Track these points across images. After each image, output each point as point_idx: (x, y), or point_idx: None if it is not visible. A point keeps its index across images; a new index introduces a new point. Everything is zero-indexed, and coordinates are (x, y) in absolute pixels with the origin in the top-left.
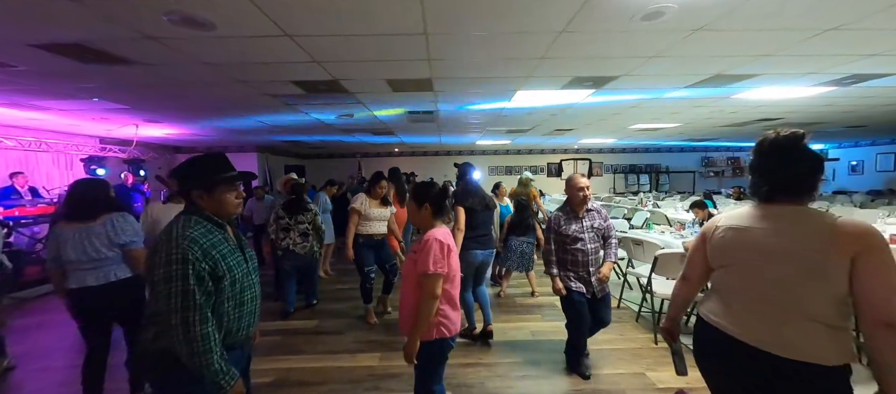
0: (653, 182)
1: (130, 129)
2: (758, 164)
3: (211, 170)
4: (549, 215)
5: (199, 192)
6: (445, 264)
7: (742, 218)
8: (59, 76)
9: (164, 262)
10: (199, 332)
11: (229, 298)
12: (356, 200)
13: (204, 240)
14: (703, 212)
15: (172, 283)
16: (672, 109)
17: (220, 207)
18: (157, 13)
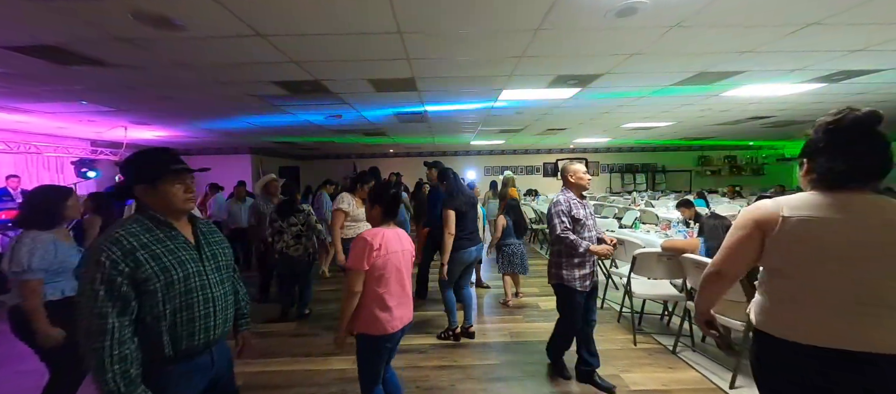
0: (649, 181)
1: (120, 131)
2: (833, 142)
3: (154, 162)
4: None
5: (143, 185)
6: (365, 263)
7: (813, 207)
8: (39, 79)
9: (84, 263)
10: (97, 344)
11: (168, 301)
12: (342, 200)
13: (132, 239)
14: (690, 211)
15: (83, 284)
16: (661, 107)
17: (167, 202)
18: (124, 12)
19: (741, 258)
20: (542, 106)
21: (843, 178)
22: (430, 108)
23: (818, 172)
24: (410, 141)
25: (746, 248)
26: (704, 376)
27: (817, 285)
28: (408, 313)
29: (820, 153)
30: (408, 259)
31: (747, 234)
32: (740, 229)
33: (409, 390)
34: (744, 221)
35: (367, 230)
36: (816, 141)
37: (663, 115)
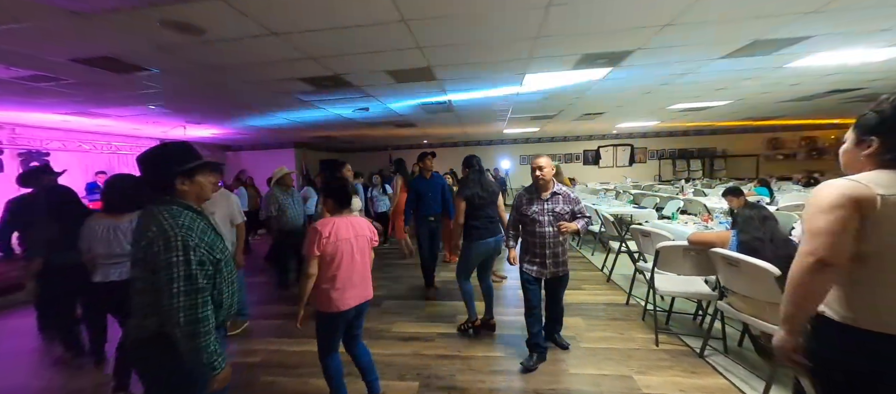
0: (706, 168)
1: (180, 130)
2: None
3: (188, 156)
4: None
5: (182, 178)
6: (315, 249)
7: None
8: (105, 86)
9: (164, 249)
10: (201, 315)
11: (226, 279)
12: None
13: (195, 227)
14: (739, 200)
15: (174, 268)
16: (714, 84)
17: (201, 193)
18: (154, 22)
19: (845, 242)
20: (573, 90)
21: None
22: (454, 97)
23: (892, 151)
24: (442, 131)
25: (849, 230)
26: (733, 384)
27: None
28: (363, 292)
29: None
30: (362, 244)
31: (848, 214)
32: (837, 209)
33: (410, 377)
34: (837, 200)
35: (320, 220)
36: (890, 118)
37: (718, 93)
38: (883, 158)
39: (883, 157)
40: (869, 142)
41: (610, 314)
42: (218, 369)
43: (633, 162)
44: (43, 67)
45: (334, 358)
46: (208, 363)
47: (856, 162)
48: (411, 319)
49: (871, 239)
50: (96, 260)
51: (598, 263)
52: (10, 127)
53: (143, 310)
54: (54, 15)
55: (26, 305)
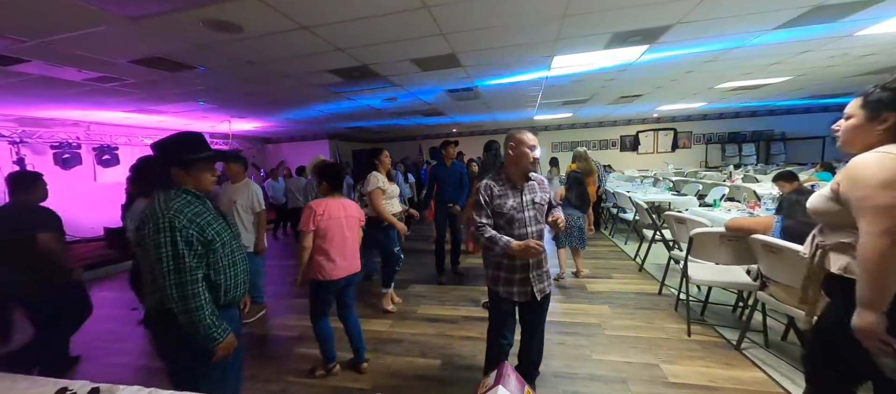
0: (761, 152)
1: (226, 124)
2: None
3: (187, 148)
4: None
5: (177, 168)
6: (310, 224)
7: None
8: (160, 85)
9: (154, 231)
10: (191, 291)
11: (222, 258)
12: (376, 179)
13: (188, 209)
14: (791, 185)
15: (163, 248)
16: (768, 59)
17: (198, 183)
18: (197, 22)
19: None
20: (606, 71)
21: None
22: (480, 83)
23: None
24: (471, 119)
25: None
26: (771, 377)
27: None
28: (351, 265)
29: None
30: (351, 223)
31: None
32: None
33: (433, 355)
34: (892, 171)
35: (315, 201)
36: None
37: (772, 68)
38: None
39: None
40: (885, 117)
41: (639, 303)
42: (219, 339)
43: (675, 147)
44: (108, 69)
45: (325, 323)
46: (206, 335)
47: (870, 137)
48: (437, 302)
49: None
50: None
51: (630, 252)
52: (85, 125)
53: (147, 287)
54: (114, 21)
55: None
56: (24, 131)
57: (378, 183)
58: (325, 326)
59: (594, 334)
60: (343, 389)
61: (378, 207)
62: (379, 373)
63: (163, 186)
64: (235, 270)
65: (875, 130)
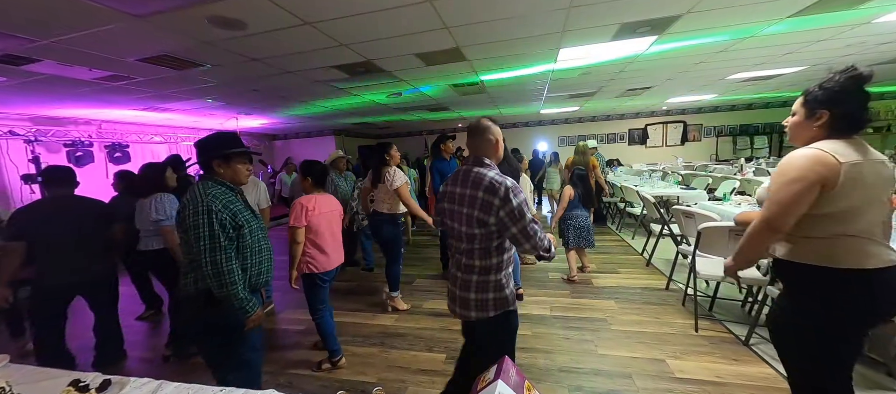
0: (773, 145)
1: (233, 121)
2: (857, 94)
3: (228, 144)
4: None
5: (219, 161)
6: (303, 220)
7: (852, 152)
8: (168, 82)
9: (193, 213)
10: (226, 267)
11: (250, 245)
12: (400, 174)
13: (222, 196)
14: None
15: (201, 229)
16: (780, 49)
17: (235, 176)
18: (202, 19)
19: (795, 214)
20: (614, 63)
21: (858, 125)
22: (486, 77)
23: (842, 120)
24: (476, 114)
25: (804, 203)
26: (780, 373)
27: (870, 219)
28: (338, 257)
29: (845, 103)
30: (336, 218)
31: (809, 187)
32: (801, 181)
33: (437, 349)
34: (803, 173)
35: (304, 197)
36: (842, 92)
37: (785, 58)
38: (834, 128)
39: (834, 126)
40: (820, 114)
41: (646, 299)
42: (250, 312)
43: (685, 140)
44: (117, 68)
45: (325, 316)
46: (240, 307)
47: (807, 132)
48: (441, 296)
49: (840, 200)
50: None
51: (637, 247)
52: (96, 123)
53: (185, 269)
54: (122, 19)
55: None
56: (39, 130)
57: (405, 177)
58: (326, 320)
59: (600, 328)
60: (349, 382)
61: (408, 201)
62: (384, 366)
63: (203, 177)
64: (261, 257)
65: (812, 126)
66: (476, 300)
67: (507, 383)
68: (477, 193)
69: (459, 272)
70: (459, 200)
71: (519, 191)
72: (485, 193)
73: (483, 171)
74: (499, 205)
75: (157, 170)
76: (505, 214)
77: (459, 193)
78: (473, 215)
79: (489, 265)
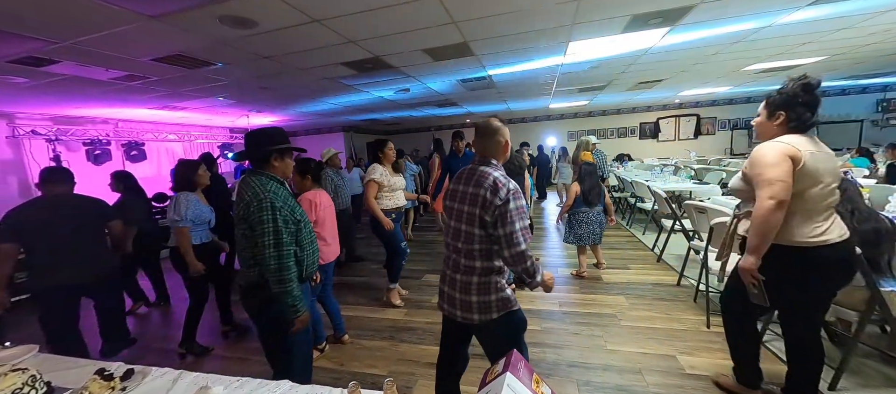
0: None
1: (245, 119)
2: (809, 97)
3: (282, 139)
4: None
5: (277, 155)
6: (313, 214)
7: (807, 145)
8: (181, 82)
9: (257, 209)
10: (286, 263)
11: (305, 235)
12: (373, 171)
13: (280, 192)
14: None
15: (266, 225)
16: (798, 38)
17: (285, 170)
18: (213, 19)
19: (790, 186)
20: (625, 57)
21: (809, 125)
22: (494, 71)
23: (796, 121)
24: (484, 109)
25: (790, 177)
26: None
27: (819, 203)
28: (337, 248)
29: (798, 106)
30: (333, 211)
31: (789, 166)
32: (781, 163)
33: None
34: (781, 157)
35: (309, 192)
36: (795, 97)
37: (804, 48)
38: (789, 126)
39: (789, 125)
40: (778, 115)
41: (657, 295)
42: (300, 312)
43: (698, 134)
44: (133, 68)
45: (314, 302)
46: (291, 306)
47: (770, 130)
48: None
49: (798, 184)
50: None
51: (648, 243)
52: (113, 122)
53: (246, 262)
54: (136, 20)
55: None
56: (59, 129)
57: (374, 175)
58: (314, 308)
59: (609, 324)
60: (360, 374)
61: (368, 199)
62: (394, 359)
63: (254, 171)
64: (313, 248)
65: (773, 125)
66: (479, 303)
67: (516, 375)
68: (479, 192)
69: (458, 274)
70: (462, 199)
71: (519, 196)
72: (487, 192)
73: (488, 170)
74: (498, 204)
75: (189, 167)
76: (499, 214)
77: (462, 192)
78: (475, 214)
79: (491, 267)
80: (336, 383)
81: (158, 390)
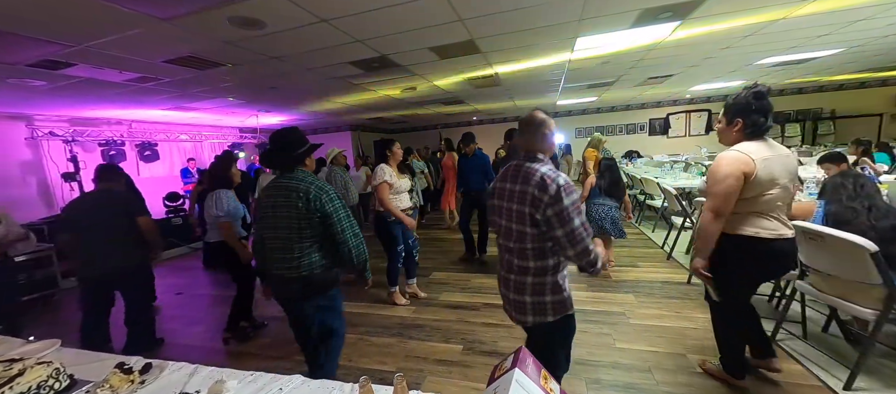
0: (806, 133)
1: (254, 119)
2: (761, 105)
3: (305, 139)
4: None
5: (309, 156)
6: None
7: (762, 151)
8: (192, 82)
9: (328, 199)
10: (361, 236)
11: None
12: (383, 172)
13: (326, 185)
14: (837, 167)
15: (341, 211)
16: (816, 30)
17: (312, 165)
18: (223, 20)
19: (732, 201)
20: (634, 51)
21: (763, 130)
22: (500, 69)
23: (752, 127)
24: (491, 107)
25: (734, 193)
26: (809, 370)
27: (772, 202)
28: None
29: (752, 113)
30: None
31: (733, 182)
32: (727, 180)
33: (455, 340)
34: (726, 174)
35: None
36: (748, 105)
37: (821, 40)
38: (746, 133)
39: (746, 131)
40: (736, 122)
41: (667, 293)
42: (370, 276)
43: (709, 130)
44: (145, 69)
45: None
46: (367, 270)
47: (730, 136)
48: (457, 289)
49: (753, 188)
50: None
51: (658, 241)
52: (127, 123)
53: (306, 250)
54: (148, 23)
55: None
56: (75, 130)
57: (385, 176)
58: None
59: (618, 322)
60: (370, 370)
61: (385, 201)
62: (402, 356)
63: (288, 169)
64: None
65: (732, 132)
66: (532, 304)
67: (525, 372)
68: (527, 189)
69: (512, 274)
70: (509, 197)
71: (572, 190)
72: (535, 189)
73: (535, 166)
74: (548, 202)
75: (226, 164)
76: (553, 213)
77: (509, 189)
78: (525, 212)
79: (545, 266)
80: (346, 379)
81: (175, 383)
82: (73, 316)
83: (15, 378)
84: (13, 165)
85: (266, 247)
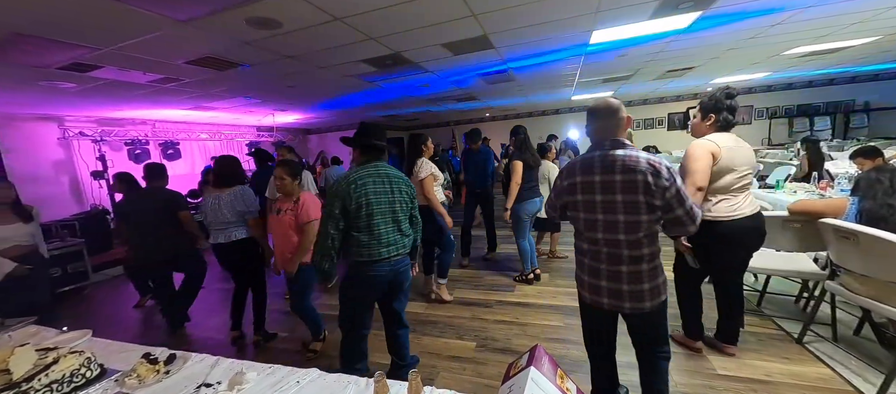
0: (837, 126)
1: (270, 118)
2: (731, 103)
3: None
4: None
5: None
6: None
7: (727, 142)
8: (211, 83)
9: (408, 185)
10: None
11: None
12: (427, 165)
13: None
14: (871, 161)
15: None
16: (847, 18)
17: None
18: (241, 20)
19: (708, 177)
20: (653, 43)
21: (731, 125)
22: (514, 65)
23: (721, 121)
24: (504, 103)
25: (708, 169)
26: (838, 373)
27: (733, 186)
28: None
29: (723, 110)
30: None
31: (708, 161)
32: (702, 159)
33: (468, 337)
34: (701, 154)
35: (307, 194)
36: (720, 102)
37: (853, 28)
38: (717, 126)
39: (717, 125)
40: (710, 117)
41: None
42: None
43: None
44: (167, 71)
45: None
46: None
47: (702, 129)
48: (470, 286)
49: (717, 172)
50: (209, 227)
51: None
52: (151, 123)
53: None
54: (169, 25)
55: None
56: (103, 131)
57: (431, 169)
58: (314, 306)
59: None
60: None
61: (430, 194)
62: (416, 352)
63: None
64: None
65: (706, 126)
66: (650, 289)
67: (540, 370)
68: (636, 177)
69: (623, 266)
70: (608, 189)
71: (676, 171)
72: (647, 175)
73: (631, 152)
74: (666, 185)
75: (236, 161)
76: (672, 195)
77: (605, 181)
78: (639, 201)
79: (656, 250)
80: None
81: (198, 374)
82: (104, 308)
83: (50, 366)
84: (47, 164)
85: (375, 234)
